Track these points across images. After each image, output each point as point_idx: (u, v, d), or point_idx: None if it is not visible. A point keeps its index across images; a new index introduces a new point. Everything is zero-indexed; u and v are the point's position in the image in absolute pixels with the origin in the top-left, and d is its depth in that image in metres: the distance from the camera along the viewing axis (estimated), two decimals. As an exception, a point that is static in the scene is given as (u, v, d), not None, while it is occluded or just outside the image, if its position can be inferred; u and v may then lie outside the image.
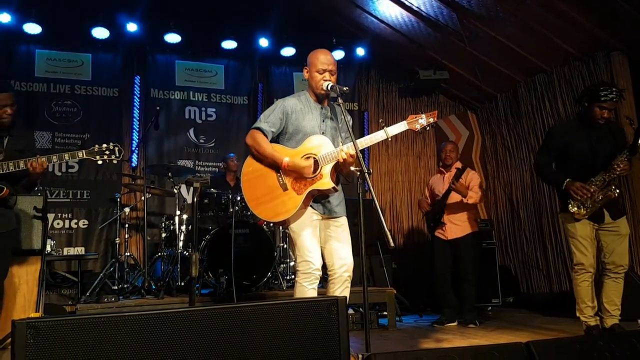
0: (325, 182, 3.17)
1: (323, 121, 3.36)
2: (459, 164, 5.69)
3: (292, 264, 5.87)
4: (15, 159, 3.41)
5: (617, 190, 3.94)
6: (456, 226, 5.46)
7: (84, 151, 3.54)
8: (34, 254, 4.40)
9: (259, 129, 3.29)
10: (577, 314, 4.05)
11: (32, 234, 4.36)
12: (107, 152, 3.58)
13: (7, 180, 3.42)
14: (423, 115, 3.26)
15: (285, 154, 3.22)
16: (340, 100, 3.18)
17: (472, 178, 5.53)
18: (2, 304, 3.63)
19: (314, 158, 3.20)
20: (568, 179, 3.96)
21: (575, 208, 3.97)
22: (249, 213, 5.39)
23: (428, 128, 3.28)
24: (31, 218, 4.33)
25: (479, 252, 5.60)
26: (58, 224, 6.71)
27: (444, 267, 5.53)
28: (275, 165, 3.23)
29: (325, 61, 3.31)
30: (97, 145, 3.59)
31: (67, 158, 3.52)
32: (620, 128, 4.42)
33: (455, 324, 5.41)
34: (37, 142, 6.65)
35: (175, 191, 5.74)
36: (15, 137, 3.59)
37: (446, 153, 5.70)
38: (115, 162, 3.66)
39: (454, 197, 5.45)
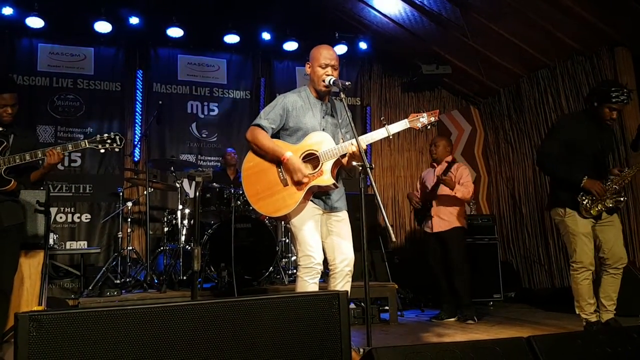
0: (326, 178, 3.17)
1: (323, 117, 3.36)
2: (449, 158, 5.65)
3: (293, 258, 5.88)
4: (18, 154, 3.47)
5: (624, 198, 3.98)
6: (442, 220, 5.43)
7: (86, 141, 3.63)
8: (36, 248, 4.41)
9: (258, 125, 3.29)
10: (577, 311, 4.05)
11: (35, 228, 4.38)
12: (108, 141, 3.66)
13: (14, 174, 3.49)
14: (425, 114, 3.26)
15: (287, 149, 3.23)
16: (342, 95, 3.18)
17: (462, 173, 5.44)
18: (11, 298, 3.66)
19: (315, 155, 3.21)
20: (586, 177, 3.90)
21: (587, 204, 3.92)
22: (250, 208, 5.37)
23: (429, 127, 3.28)
24: (34, 212, 4.34)
25: (465, 248, 5.55)
26: (61, 217, 6.73)
27: (435, 262, 5.53)
28: (276, 160, 3.24)
29: (328, 56, 3.30)
30: (99, 135, 3.68)
31: (70, 148, 3.60)
32: (612, 129, 4.43)
33: (454, 319, 5.42)
34: (40, 136, 6.68)
35: (178, 185, 5.74)
36: (20, 136, 3.64)
37: (431, 147, 5.74)
38: (117, 150, 3.74)
39: (443, 191, 5.42)
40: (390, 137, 3.23)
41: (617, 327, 3.80)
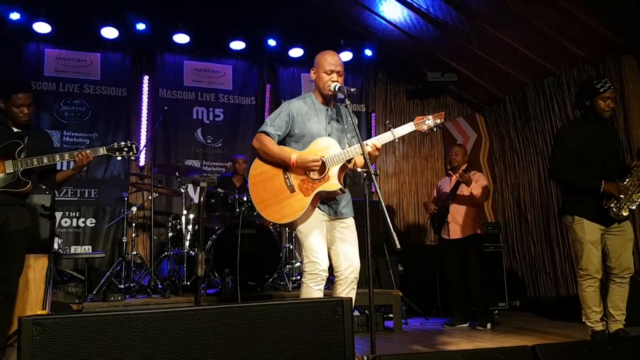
0: (333, 183, 3.17)
1: (329, 123, 3.36)
2: (464, 166, 5.73)
3: (297, 264, 5.88)
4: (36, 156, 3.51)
5: None
6: (458, 227, 5.53)
7: (104, 147, 3.72)
8: (41, 252, 4.42)
9: (265, 132, 3.30)
10: (583, 319, 4.01)
11: (40, 232, 4.39)
12: (125, 149, 3.76)
13: (29, 176, 3.51)
14: (430, 117, 3.25)
15: (292, 152, 3.24)
16: (347, 102, 3.18)
17: (479, 178, 5.59)
18: (15, 301, 3.67)
19: (322, 159, 3.21)
20: (604, 181, 3.85)
21: (614, 207, 3.86)
22: (255, 213, 5.39)
23: (435, 129, 3.27)
24: (39, 216, 4.35)
25: (481, 255, 5.62)
26: (66, 222, 6.75)
27: (451, 268, 5.62)
28: (283, 165, 3.24)
29: (333, 62, 3.31)
30: (115, 143, 3.78)
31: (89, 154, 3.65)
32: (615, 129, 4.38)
33: (466, 324, 5.46)
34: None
35: (182, 191, 5.76)
36: (35, 137, 3.66)
37: (451, 156, 5.81)
38: (133, 158, 3.85)
39: (459, 198, 5.54)
40: (396, 140, 3.22)
41: (625, 337, 3.76)
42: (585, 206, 3.94)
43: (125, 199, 6.28)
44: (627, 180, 3.89)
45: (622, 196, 3.84)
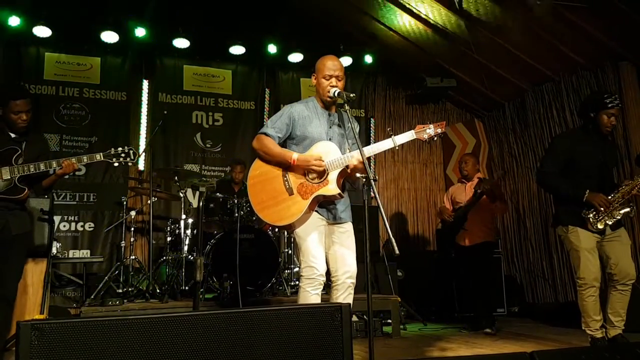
0: (331, 188, 3.17)
1: (330, 127, 3.36)
2: (480, 175, 5.78)
3: (296, 269, 5.87)
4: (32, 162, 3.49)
5: (634, 209, 3.88)
6: (477, 234, 5.55)
7: (101, 154, 3.65)
8: (39, 256, 4.42)
9: (265, 134, 3.30)
10: (583, 327, 3.99)
11: (39, 236, 4.39)
12: (122, 155, 3.69)
13: (26, 182, 3.50)
14: (431, 126, 3.26)
15: (293, 152, 3.24)
16: (346, 107, 3.19)
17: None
18: (14, 306, 3.66)
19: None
20: (588, 190, 3.86)
21: (592, 217, 3.86)
22: (254, 218, 5.39)
23: (436, 138, 3.27)
24: (38, 220, 4.35)
25: (492, 261, 5.66)
26: (64, 226, 6.74)
27: (468, 274, 5.65)
28: (283, 165, 3.24)
29: (332, 67, 3.32)
30: (113, 149, 3.70)
31: (85, 160, 3.62)
32: (615, 143, 4.37)
33: (490, 330, 5.41)
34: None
35: (181, 195, 5.75)
36: (32, 143, 3.65)
37: (461, 165, 5.88)
38: (130, 164, 3.74)
39: (478, 208, 5.53)
40: (397, 148, 3.23)
41: (624, 343, 3.76)
42: (578, 216, 3.93)
43: (124, 203, 6.28)
44: (612, 195, 3.88)
45: (602, 209, 3.84)
